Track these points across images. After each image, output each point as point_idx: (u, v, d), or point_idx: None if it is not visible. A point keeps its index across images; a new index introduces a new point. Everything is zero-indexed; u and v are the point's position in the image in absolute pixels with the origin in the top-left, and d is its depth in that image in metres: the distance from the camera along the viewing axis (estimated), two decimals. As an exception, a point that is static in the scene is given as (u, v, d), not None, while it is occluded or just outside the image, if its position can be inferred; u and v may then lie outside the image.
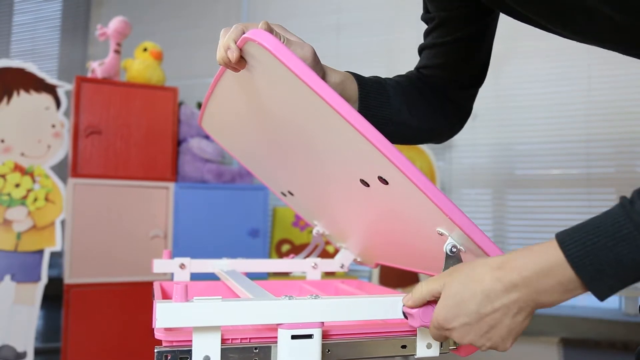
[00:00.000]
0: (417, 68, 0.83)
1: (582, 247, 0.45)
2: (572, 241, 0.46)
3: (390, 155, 0.50)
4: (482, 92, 0.84)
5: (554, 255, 0.47)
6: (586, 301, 2.70)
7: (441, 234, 0.56)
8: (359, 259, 0.93)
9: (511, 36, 2.64)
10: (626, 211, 0.44)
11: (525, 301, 0.49)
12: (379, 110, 0.74)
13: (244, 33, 0.56)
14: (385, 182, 0.55)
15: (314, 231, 0.94)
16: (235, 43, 0.57)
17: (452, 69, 0.80)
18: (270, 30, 0.60)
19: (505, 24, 0.79)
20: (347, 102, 0.50)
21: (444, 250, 0.55)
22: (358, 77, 0.74)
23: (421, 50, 0.83)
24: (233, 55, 0.57)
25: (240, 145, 0.87)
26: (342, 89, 0.72)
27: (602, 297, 0.46)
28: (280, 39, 0.62)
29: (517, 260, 0.49)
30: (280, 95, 0.59)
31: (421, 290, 0.53)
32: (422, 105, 0.79)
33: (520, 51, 2.68)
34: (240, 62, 0.59)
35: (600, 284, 0.45)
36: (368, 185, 0.59)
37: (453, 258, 0.56)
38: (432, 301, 0.53)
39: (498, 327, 0.50)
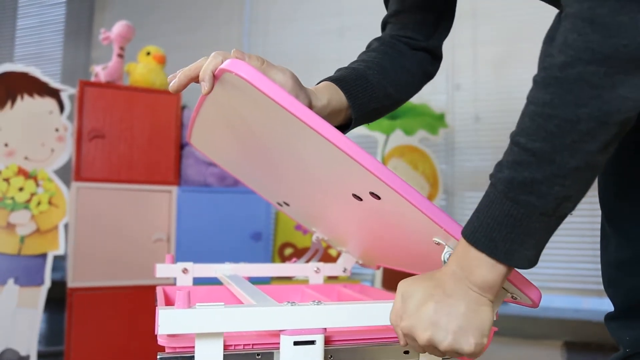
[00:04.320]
0: (387, 21, 0.85)
1: (488, 238, 0.48)
2: (477, 237, 0.49)
3: (379, 174, 0.50)
4: (485, 94, 0.84)
5: (473, 253, 0.49)
6: (590, 304, 2.69)
7: (438, 243, 0.56)
8: (360, 262, 0.93)
9: (513, 38, 2.64)
10: (498, 192, 0.48)
11: (460, 287, 0.50)
12: (369, 104, 0.77)
13: (222, 62, 0.58)
14: (378, 197, 0.56)
15: (313, 237, 0.94)
16: (213, 73, 0.60)
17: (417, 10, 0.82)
18: (243, 58, 0.63)
19: (507, 26, 0.79)
20: (333, 126, 0.51)
21: (442, 258, 0.55)
22: (340, 83, 0.75)
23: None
24: (205, 88, 0.60)
25: (232, 161, 0.87)
26: (331, 107, 0.72)
27: (525, 265, 0.48)
28: (262, 64, 0.64)
29: (445, 268, 0.51)
30: (266, 119, 0.59)
31: None
32: (403, 74, 0.82)
33: (523, 53, 2.68)
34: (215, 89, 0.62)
35: (516, 256, 0.48)
36: (361, 200, 0.60)
37: None
38: None
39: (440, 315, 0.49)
